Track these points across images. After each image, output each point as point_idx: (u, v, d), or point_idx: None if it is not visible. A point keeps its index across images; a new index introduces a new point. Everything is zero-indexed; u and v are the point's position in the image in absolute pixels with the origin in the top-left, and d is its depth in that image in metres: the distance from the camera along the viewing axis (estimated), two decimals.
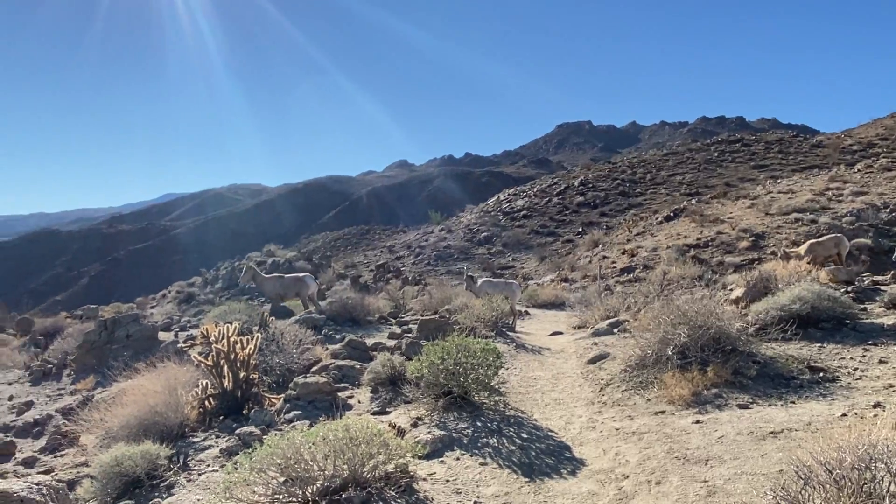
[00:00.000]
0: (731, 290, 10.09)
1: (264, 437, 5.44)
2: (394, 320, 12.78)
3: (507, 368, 7.87)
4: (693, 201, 30.88)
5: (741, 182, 39.77)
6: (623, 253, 23.95)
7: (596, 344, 9.05)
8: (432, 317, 10.19)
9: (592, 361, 7.87)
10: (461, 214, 53.66)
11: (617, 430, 5.31)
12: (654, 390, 6.02)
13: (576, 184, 47.93)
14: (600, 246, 28.36)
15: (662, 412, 5.47)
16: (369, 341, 9.60)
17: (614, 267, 22.77)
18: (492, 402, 6.16)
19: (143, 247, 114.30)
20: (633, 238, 27.16)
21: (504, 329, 10.70)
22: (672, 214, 28.45)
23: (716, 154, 49.82)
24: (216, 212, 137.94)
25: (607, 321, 10.42)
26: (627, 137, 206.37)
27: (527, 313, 15.48)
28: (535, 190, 50.39)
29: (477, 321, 10.09)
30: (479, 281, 13.81)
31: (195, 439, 5.70)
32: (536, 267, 32.27)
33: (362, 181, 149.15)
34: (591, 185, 46.64)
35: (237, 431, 5.58)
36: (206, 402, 6.33)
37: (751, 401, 5.35)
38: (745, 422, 4.75)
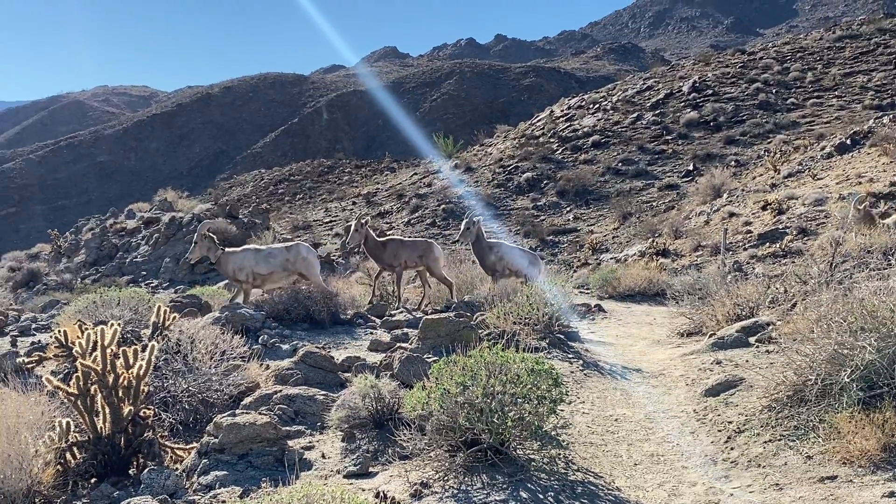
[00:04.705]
0: None
1: None
2: (378, 320, 12.80)
3: (571, 402, 7.90)
4: (886, 119, 30.49)
5: None
6: (764, 208, 23.81)
7: (719, 363, 9.04)
8: (443, 315, 10.20)
9: (713, 392, 7.86)
10: (489, 142, 53.54)
11: None
12: (818, 441, 6.04)
13: (685, 89, 47.43)
14: (725, 196, 28.20)
15: (832, 478, 5.50)
16: (338, 355, 9.62)
17: (749, 232, 22.64)
18: (545, 459, 6.20)
19: None
20: (781, 182, 26.94)
21: (564, 336, 10.72)
22: (849, 142, 28.12)
23: None
24: (75, 133, 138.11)
25: (738, 324, 10.36)
26: (774, 8, 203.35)
27: (599, 308, 15.50)
28: (616, 99, 49.98)
29: (518, 322, 10.10)
30: (498, 246, 14.06)
31: None
32: (615, 230, 32.23)
33: (322, 83, 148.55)
34: (710, 92, 46.16)
35: None
36: (69, 455, 6.41)
37: None
38: None
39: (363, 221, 14.75)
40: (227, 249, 13.71)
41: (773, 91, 44.59)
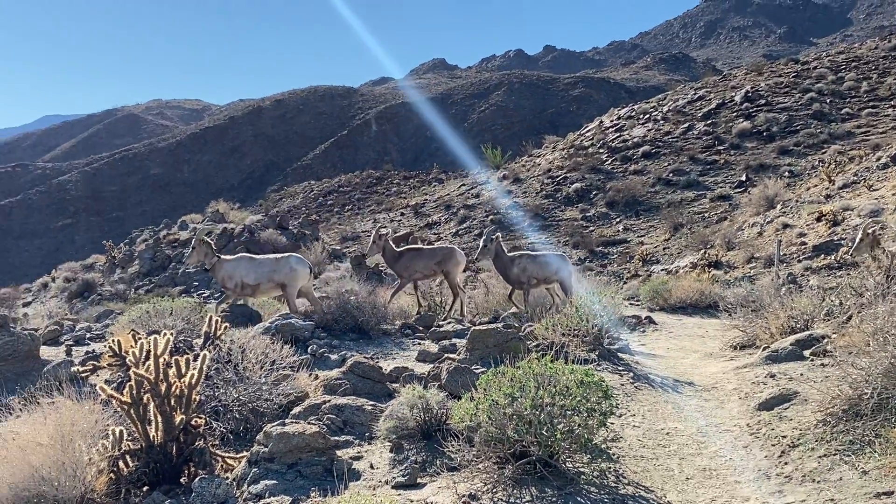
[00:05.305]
0: None
1: None
2: (426, 331, 12.83)
3: (622, 415, 7.87)
4: None
5: None
6: (819, 219, 23.50)
7: (773, 376, 8.91)
8: (491, 326, 10.19)
9: (767, 406, 7.77)
10: (537, 153, 53.51)
11: None
12: (874, 456, 5.94)
13: (737, 98, 47.00)
14: (778, 207, 27.87)
15: (889, 493, 5.40)
16: (386, 365, 9.66)
17: (803, 243, 22.35)
18: (595, 472, 6.17)
19: (9, 204, 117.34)
20: (836, 193, 26.54)
21: (614, 348, 10.65)
22: None
23: None
24: (129, 146, 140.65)
25: (792, 337, 10.22)
26: (828, 17, 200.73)
27: (650, 321, 15.38)
28: (666, 109, 49.67)
29: (566, 333, 10.05)
30: (519, 258, 14.21)
31: None
32: (666, 241, 31.97)
33: (371, 95, 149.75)
34: (763, 102, 45.67)
35: None
36: (122, 463, 6.49)
37: None
38: None
39: (381, 234, 15.20)
40: (222, 257, 13.54)
41: (828, 101, 43.96)
